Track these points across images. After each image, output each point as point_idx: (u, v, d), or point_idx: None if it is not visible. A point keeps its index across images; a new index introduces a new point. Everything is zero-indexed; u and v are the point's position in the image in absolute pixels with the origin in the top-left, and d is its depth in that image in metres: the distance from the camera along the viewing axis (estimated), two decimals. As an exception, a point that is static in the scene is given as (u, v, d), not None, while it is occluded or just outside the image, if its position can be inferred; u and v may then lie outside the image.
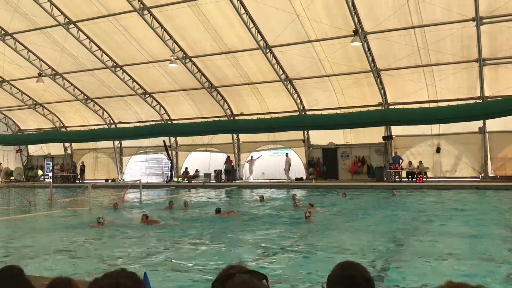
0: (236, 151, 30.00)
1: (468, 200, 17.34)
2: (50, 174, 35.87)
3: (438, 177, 24.69)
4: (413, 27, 20.33)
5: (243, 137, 29.73)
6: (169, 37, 23.68)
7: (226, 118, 28.29)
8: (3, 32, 25.84)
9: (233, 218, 12.97)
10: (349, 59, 22.92)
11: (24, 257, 8.66)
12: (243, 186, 25.78)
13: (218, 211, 13.59)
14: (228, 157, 29.54)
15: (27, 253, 9.01)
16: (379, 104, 24.58)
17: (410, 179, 24.41)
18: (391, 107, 24.25)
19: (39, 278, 5.40)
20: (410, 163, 24.80)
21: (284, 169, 27.24)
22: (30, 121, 35.88)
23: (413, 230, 10.93)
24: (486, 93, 22.38)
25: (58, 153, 36.15)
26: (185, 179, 29.72)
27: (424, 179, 23.85)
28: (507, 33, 19.95)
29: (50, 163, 36.70)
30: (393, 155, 25.42)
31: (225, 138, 29.46)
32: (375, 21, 20.34)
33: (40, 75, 27.88)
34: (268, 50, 23.19)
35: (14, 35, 26.10)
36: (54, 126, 34.62)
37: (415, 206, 15.88)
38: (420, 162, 24.49)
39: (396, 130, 25.50)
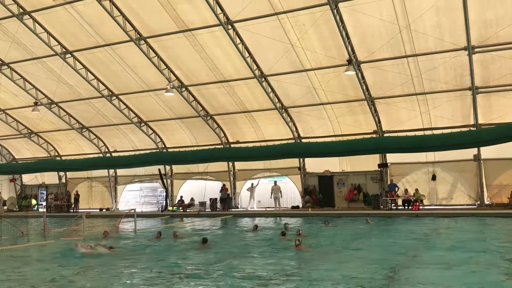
0: (232, 179, 29.90)
1: (464, 228, 17.25)
2: (44, 203, 35.53)
3: (434, 205, 24.63)
4: (406, 56, 20.63)
5: (239, 165, 29.69)
6: (165, 66, 23.90)
7: (221, 146, 28.32)
8: (0, 62, 26.00)
9: (221, 248, 12.81)
10: (344, 87, 23.14)
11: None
12: (239, 215, 25.56)
13: (205, 241, 13.44)
14: (224, 185, 29.41)
15: (16, 285, 8.82)
16: (374, 132, 24.72)
17: (406, 207, 24.32)
18: (385, 135, 24.37)
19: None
20: (406, 190, 24.75)
21: (272, 197, 27.11)
22: (24, 150, 35.76)
23: (408, 258, 10.82)
24: (480, 121, 22.56)
25: (52, 182, 35.90)
26: (180, 208, 29.49)
27: (420, 207, 23.77)
28: (498, 62, 20.27)
29: (44, 192, 36.40)
30: (389, 183, 25.39)
31: (221, 166, 29.41)
32: (369, 51, 20.64)
33: (36, 104, 27.94)
34: (263, 79, 23.40)
35: (10, 65, 26.28)
36: (49, 155, 34.48)
37: (407, 234, 15.78)
38: (416, 190, 24.46)
39: (391, 157, 25.56)
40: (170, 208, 30.21)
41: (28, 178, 36.79)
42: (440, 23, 19.01)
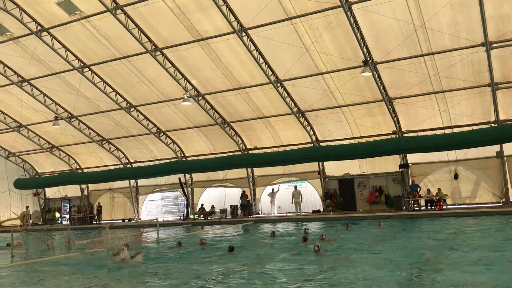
0: (251, 185, 29.92)
1: (490, 227, 16.93)
2: (68, 216, 36.04)
3: (458, 204, 24.25)
4: (423, 55, 20.43)
5: (258, 171, 29.70)
6: (181, 76, 24.09)
7: (240, 153, 28.39)
8: (20, 78, 26.55)
9: (246, 255, 12.80)
10: (360, 89, 23.01)
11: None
12: (260, 221, 25.53)
13: (231, 249, 13.42)
14: (244, 191, 29.43)
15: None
16: (393, 133, 24.49)
17: (429, 207, 23.98)
18: (405, 135, 24.13)
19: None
20: (428, 190, 24.42)
21: (293, 202, 26.97)
22: (47, 164, 36.35)
23: (434, 260, 10.66)
24: (501, 117, 22.20)
25: (75, 195, 36.40)
26: (201, 216, 29.60)
27: (444, 207, 23.43)
28: (517, 56, 19.93)
29: (67, 205, 36.93)
30: (410, 183, 25.11)
31: (240, 172, 29.47)
32: (384, 51, 20.50)
33: (56, 118, 28.41)
34: (279, 84, 23.42)
35: (30, 81, 26.79)
36: (70, 168, 34.99)
37: (432, 234, 15.56)
38: (439, 189, 24.12)
39: (412, 157, 25.29)
40: (191, 216, 30.34)
41: (51, 192, 37.38)
42: (456, 20, 18.78)
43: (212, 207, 29.93)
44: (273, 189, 28.96)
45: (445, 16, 18.62)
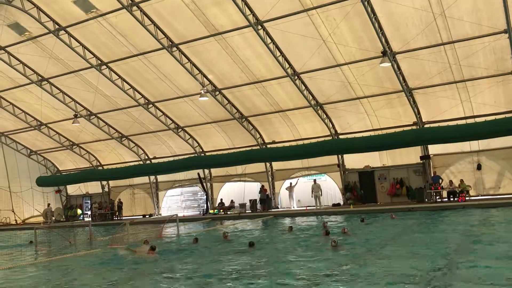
0: (270, 179, 29.83)
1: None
2: (89, 212, 36.48)
3: (481, 195, 23.78)
4: (443, 44, 20.00)
5: (277, 165, 29.59)
6: (198, 72, 24.06)
7: (258, 147, 28.29)
8: (39, 78, 26.85)
9: (266, 250, 12.72)
10: (379, 80, 22.66)
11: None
12: (279, 215, 25.43)
13: (251, 244, 13.34)
14: (263, 186, 29.36)
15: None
16: (414, 124, 24.10)
17: (452, 199, 23.57)
18: (426, 126, 23.72)
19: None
20: (450, 182, 24.00)
21: (312, 196, 26.77)
22: (67, 162, 36.83)
23: (458, 253, 10.43)
24: (526, 105, 21.66)
25: (95, 192, 36.82)
26: (221, 210, 29.64)
27: (467, 198, 23.00)
28: (542, 42, 19.34)
29: (89, 201, 37.37)
30: (432, 175, 24.70)
31: (259, 167, 29.39)
32: (403, 41, 20.13)
33: (75, 116, 28.72)
34: (296, 77, 23.20)
35: (50, 80, 27.09)
36: (91, 165, 35.38)
37: (453, 227, 15.26)
38: (461, 180, 23.69)
39: (433, 149, 24.86)
40: (211, 211, 30.41)
41: (73, 189, 37.89)
42: (477, 7, 18.31)
43: (232, 201, 29.94)
44: (291, 183, 28.83)
45: (466, 3, 18.18)
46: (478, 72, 21.18)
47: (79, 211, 37.11)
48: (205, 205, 31.56)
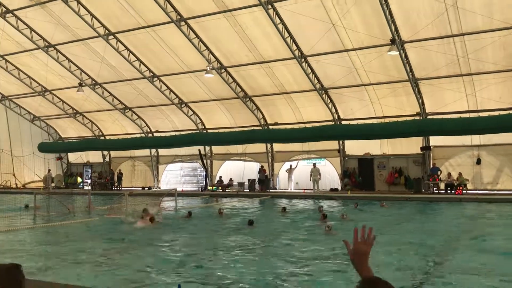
0: (270, 160, 29.96)
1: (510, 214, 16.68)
2: (89, 181, 36.77)
3: (479, 190, 23.90)
4: (452, 36, 19.85)
5: (277, 146, 29.69)
6: (205, 48, 23.97)
7: (260, 128, 28.35)
8: (46, 44, 26.78)
9: (262, 229, 12.90)
10: (386, 68, 22.58)
11: (54, 263, 8.85)
12: (277, 196, 25.64)
13: (251, 223, 13.52)
14: (262, 166, 29.52)
15: (57, 259, 9.19)
16: (417, 114, 24.08)
17: (449, 191, 23.71)
18: (429, 117, 23.71)
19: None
20: (449, 174, 24.11)
21: (311, 179, 26.95)
22: (70, 129, 36.97)
23: (450, 244, 10.57)
24: (530, 103, 21.60)
25: (96, 161, 37.05)
26: (219, 188, 29.86)
27: (464, 191, 23.12)
28: (552, 40, 19.21)
29: (89, 170, 37.63)
30: (431, 166, 24.79)
31: (259, 147, 29.50)
32: (413, 30, 19.99)
33: (80, 85, 28.73)
34: (303, 60, 23.12)
35: (56, 47, 27.01)
36: (93, 135, 35.53)
37: (448, 219, 15.41)
38: (460, 173, 23.79)
39: (434, 140, 24.90)
40: (209, 188, 30.64)
41: (74, 157, 38.10)
42: (490, 1, 18.12)
43: (230, 180, 30.13)
44: (290, 166, 28.97)
45: (479, -4, 17.99)
46: (486, 67, 21.06)
47: (79, 179, 37.42)
48: (204, 181, 31.79)
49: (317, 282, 7.43)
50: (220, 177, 30.78)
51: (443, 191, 24.04)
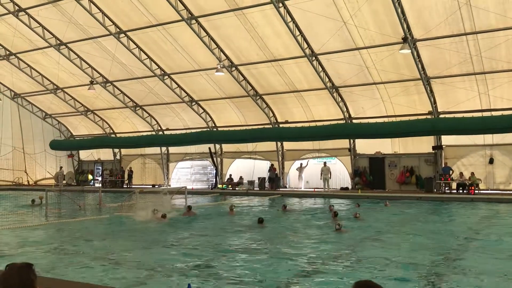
0: (280, 159, 29.90)
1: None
2: (100, 178, 36.99)
3: (491, 189, 23.64)
4: (465, 34, 19.62)
5: (287, 145, 29.61)
6: (215, 46, 23.96)
7: (270, 126, 28.30)
8: (58, 42, 26.95)
9: (272, 228, 12.88)
10: (398, 66, 22.40)
11: (63, 260, 8.90)
12: (287, 195, 25.59)
13: (260, 221, 13.50)
14: (272, 165, 29.47)
15: (67, 257, 9.24)
16: (429, 113, 23.86)
17: (461, 191, 23.48)
18: (441, 116, 23.49)
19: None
20: (461, 174, 23.87)
21: (321, 178, 26.84)
22: (81, 127, 37.20)
23: (460, 245, 10.47)
24: (545, 102, 21.30)
25: (107, 159, 37.26)
26: (229, 186, 29.87)
27: (476, 191, 22.89)
28: None
29: (100, 168, 37.86)
30: (443, 166, 24.57)
31: (269, 145, 29.44)
32: (425, 28, 19.80)
33: (91, 82, 28.89)
34: (314, 58, 23.01)
35: (68, 45, 27.18)
36: (104, 132, 35.72)
37: (460, 218, 15.27)
38: (472, 173, 23.54)
39: (446, 139, 24.66)
40: (219, 186, 30.66)
41: (85, 154, 38.36)
42: (504, -2, 17.90)
43: (240, 178, 30.13)
44: (301, 164, 28.89)
45: (493, -6, 17.77)
46: (499, 65, 20.81)
47: (90, 177, 37.67)
48: (214, 179, 31.81)
49: (327, 282, 7.39)
50: (230, 175, 30.79)
51: (455, 191, 23.80)
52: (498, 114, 21.58)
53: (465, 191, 23.19)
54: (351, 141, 27.32)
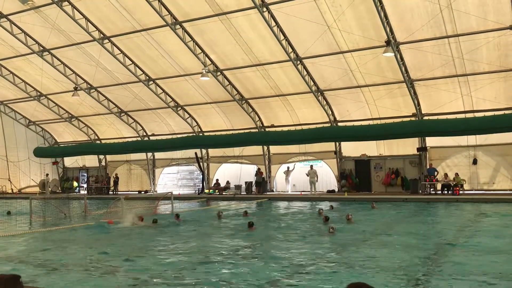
0: (267, 162, 29.93)
1: (508, 214, 16.70)
2: (85, 185, 36.63)
3: (475, 190, 23.95)
4: (447, 37, 19.92)
5: (274, 148, 29.67)
6: (200, 51, 23.95)
7: (256, 130, 28.33)
8: (41, 48, 26.69)
9: (260, 231, 12.88)
10: (382, 69, 22.62)
11: (48, 269, 8.78)
12: (274, 198, 25.62)
13: (251, 224, 13.46)
14: (259, 169, 29.49)
15: (52, 265, 9.13)
16: (413, 115, 24.13)
17: (446, 192, 23.75)
18: (425, 117, 23.76)
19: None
20: (445, 175, 24.15)
21: (309, 181, 26.93)
22: (66, 134, 36.85)
23: (448, 245, 10.58)
24: (525, 103, 21.67)
25: (92, 165, 36.92)
26: (216, 190, 29.80)
27: (461, 192, 23.17)
28: (546, 41, 19.29)
29: (85, 174, 37.50)
30: (428, 167, 24.83)
31: (256, 150, 29.48)
32: (408, 31, 20.03)
33: (75, 89, 28.65)
34: (298, 62, 23.13)
35: (51, 51, 26.93)
36: (89, 139, 35.42)
37: (446, 219, 15.44)
38: (456, 174, 23.83)
39: (430, 141, 24.95)
40: (206, 191, 30.58)
41: (70, 161, 37.97)
42: (484, 1, 18.19)
43: (227, 182, 30.08)
44: (288, 168, 28.96)
45: (473, -3, 18.06)
46: (481, 67, 21.14)
47: (75, 184, 37.28)
48: (201, 184, 31.72)
49: (321, 283, 7.40)
50: (217, 180, 30.73)
51: (440, 192, 24.06)
52: (480, 115, 21.90)
53: (450, 192, 23.46)
54: (337, 144, 27.47)
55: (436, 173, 24.39)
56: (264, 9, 20.25)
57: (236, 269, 8.45)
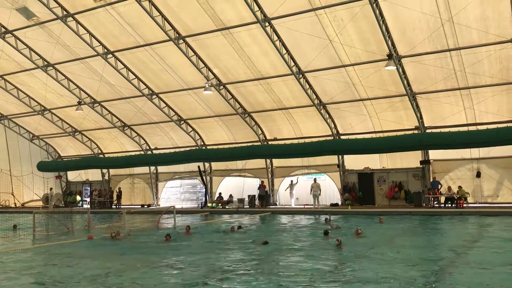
0: (270, 176, 29.91)
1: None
2: (88, 199, 36.63)
3: (479, 203, 23.84)
4: (449, 50, 20.01)
5: (277, 162, 29.67)
6: (203, 65, 24.10)
7: (259, 143, 28.36)
8: (45, 63, 26.93)
9: (268, 245, 12.84)
10: (384, 83, 22.69)
11: (54, 284, 8.77)
12: (277, 212, 25.55)
13: (265, 243, 13.27)
14: (262, 182, 29.46)
15: (57, 280, 9.11)
16: (416, 128, 24.13)
17: (450, 205, 23.64)
18: (428, 131, 23.76)
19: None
20: (449, 188, 24.06)
21: (311, 194, 26.87)
22: (69, 148, 36.94)
23: (453, 259, 10.51)
24: (528, 116, 21.66)
25: (96, 179, 36.95)
26: (219, 204, 29.75)
27: (465, 205, 23.05)
28: (548, 53, 19.35)
29: (88, 188, 37.51)
30: (431, 180, 24.75)
31: (259, 163, 29.47)
32: (410, 45, 20.14)
33: (79, 103, 28.80)
34: (301, 76, 23.24)
35: (55, 66, 27.15)
36: (92, 153, 35.51)
37: (453, 233, 15.35)
38: (460, 187, 23.74)
39: (434, 154, 24.91)
40: (209, 204, 30.53)
41: (73, 175, 38.03)
42: (485, 15, 18.31)
43: (230, 196, 30.04)
44: (291, 181, 28.92)
45: (474, 11, 18.17)
46: (483, 80, 21.19)
47: (78, 198, 37.27)
48: (204, 198, 31.68)
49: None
50: (220, 193, 30.70)
51: (443, 205, 23.96)
52: (483, 128, 21.89)
53: (453, 205, 23.36)
54: (340, 157, 27.46)
55: (440, 186, 24.30)
56: (267, 23, 20.43)
57: (244, 283, 8.41)
